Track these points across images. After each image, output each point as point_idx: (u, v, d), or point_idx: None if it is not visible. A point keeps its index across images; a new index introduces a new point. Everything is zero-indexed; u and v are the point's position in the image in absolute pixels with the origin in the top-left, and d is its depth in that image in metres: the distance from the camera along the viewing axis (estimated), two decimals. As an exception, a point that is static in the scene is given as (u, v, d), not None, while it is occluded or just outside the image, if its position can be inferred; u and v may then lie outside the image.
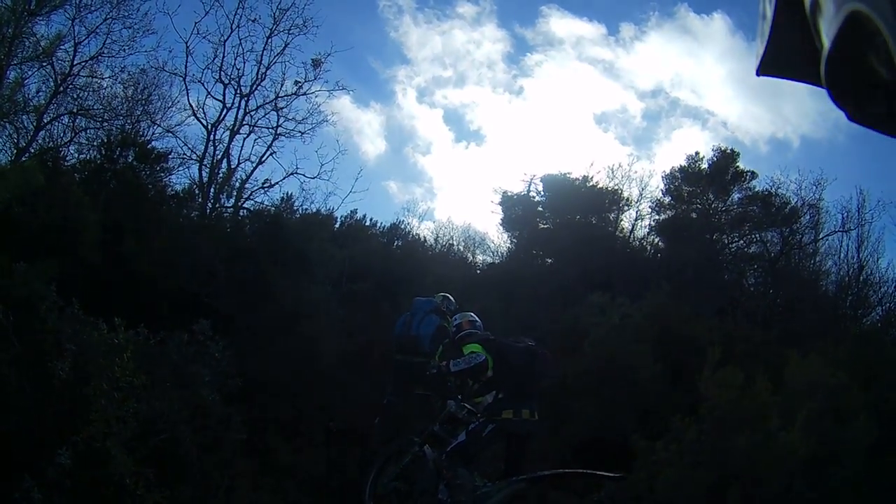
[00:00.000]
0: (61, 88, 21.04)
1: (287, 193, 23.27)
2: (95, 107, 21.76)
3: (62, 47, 21.00)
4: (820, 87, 1.47)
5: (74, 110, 21.38)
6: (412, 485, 10.07)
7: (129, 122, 22.37)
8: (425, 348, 11.64)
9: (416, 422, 11.35)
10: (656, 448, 11.98)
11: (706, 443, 11.65)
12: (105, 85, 22.10)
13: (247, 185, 23.05)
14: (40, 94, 20.92)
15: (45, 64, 20.63)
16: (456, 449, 9.33)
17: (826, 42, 1.38)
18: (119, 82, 22.46)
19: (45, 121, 20.88)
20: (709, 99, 53.57)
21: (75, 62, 21.37)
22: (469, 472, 9.24)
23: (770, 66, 1.83)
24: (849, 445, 11.20)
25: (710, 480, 11.26)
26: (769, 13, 1.73)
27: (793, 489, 10.97)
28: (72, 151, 21.79)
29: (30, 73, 20.61)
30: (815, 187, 27.75)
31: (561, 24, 54.32)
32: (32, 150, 20.20)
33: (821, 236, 27.40)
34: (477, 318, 10.69)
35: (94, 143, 21.59)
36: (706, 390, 12.03)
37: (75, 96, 21.52)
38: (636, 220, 30.48)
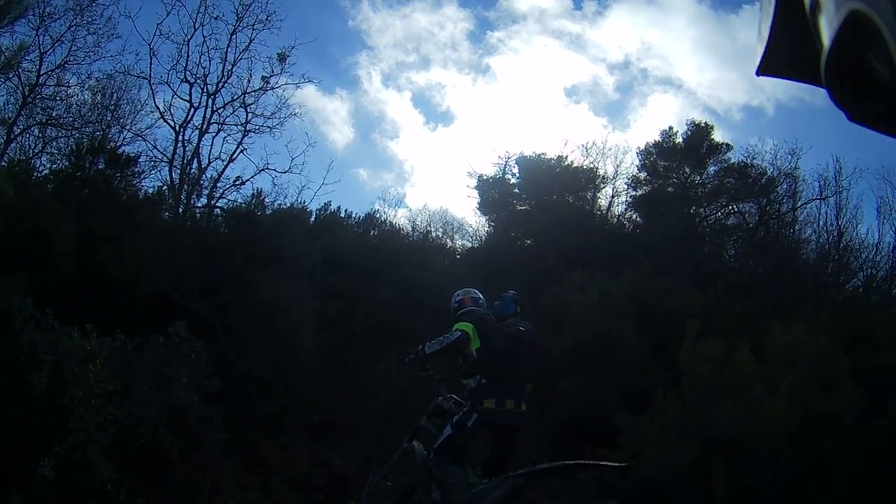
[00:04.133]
0: (29, 99, 20.87)
1: (258, 190, 23.18)
2: (65, 116, 21.66)
3: (27, 58, 20.85)
4: (820, 87, 1.44)
5: (44, 121, 21.23)
6: (402, 482, 9.89)
7: (99, 128, 22.31)
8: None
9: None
10: (640, 423, 11.98)
11: (689, 416, 11.64)
12: (73, 93, 21.99)
13: (219, 184, 22.74)
14: (8, 106, 20.82)
15: (10, 76, 20.49)
16: (443, 445, 9.08)
17: (826, 42, 1.33)
18: (87, 89, 22.35)
19: (15, 133, 20.73)
20: (679, 68, 53.53)
21: (41, 72, 21.21)
22: (461, 468, 9.00)
23: (770, 65, 1.80)
24: (835, 413, 11.16)
25: (695, 454, 11.24)
26: (769, 13, 1.70)
27: (779, 460, 10.95)
28: (43, 162, 21.77)
29: (-4, 85, 20.44)
30: (790, 157, 27.79)
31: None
32: (3, 164, 20.03)
33: (798, 205, 27.47)
34: (481, 296, 10.14)
35: (65, 152, 21.52)
36: (686, 363, 12.02)
37: (44, 106, 21.37)
38: (613, 197, 30.55)
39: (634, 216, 30.34)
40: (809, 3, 1.47)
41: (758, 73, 1.84)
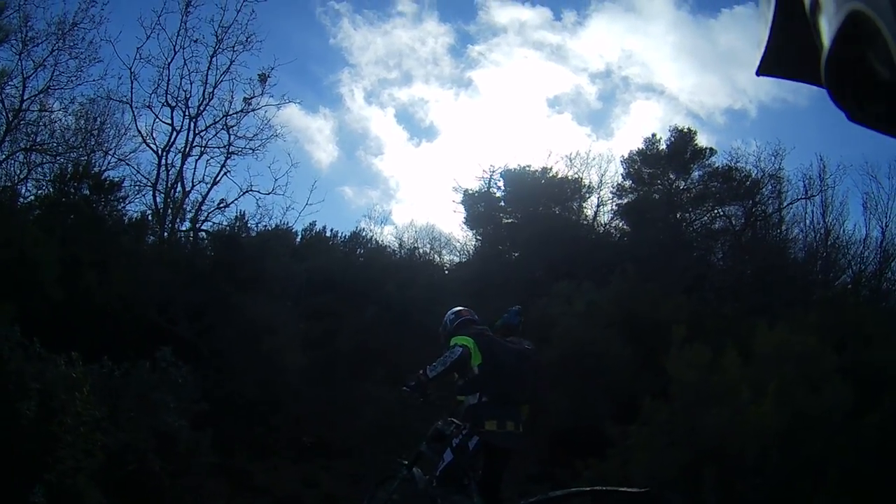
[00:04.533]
0: (13, 125, 20.86)
1: (241, 212, 23.08)
2: (49, 141, 21.63)
3: (10, 83, 20.89)
4: (820, 87, 1.44)
5: (28, 146, 21.19)
6: None
7: (83, 153, 22.27)
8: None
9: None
10: (629, 432, 11.96)
11: (677, 423, 11.62)
12: (56, 118, 21.98)
13: (203, 207, 22.86)
14: (-8, 133, 20.76)
15: (-6, 102, 20.52)
16: (445, 472, 8.69)
17: (826, 42, 1.33)
18: (70, 114, 22.35)
19: (0, 159, 20.74)
20: (660, 74, 53.86)
21: (25, 97, 21.23)
22: (467, 497, 8.70)
23: (770, 66, 1.80)
24: (824, 411, 11.13)
25: (685, 460, 11.21)
26: (769, 13, 1.70)
27: (770, 462, 10.92)
28: (29, 188, 21.67)
29: (-21, 111, 20.46)
30: (774, 158, 27.99)
31: (502, 12, 54.50)
32: (-11, 191, 20.06)
33: (784, 205, 27.61)
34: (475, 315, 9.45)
35: (50, 178, 21.49)
36: (673, 370, 12.01)
37: (28, 132, 21.35)
38: (598, 206, 30.60)
39: (621, 224, 30.41)
40: (809, 3, 1.47)
41: (758, 74, 1.84)
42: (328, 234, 26.46)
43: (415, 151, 47.77)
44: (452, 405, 9.12)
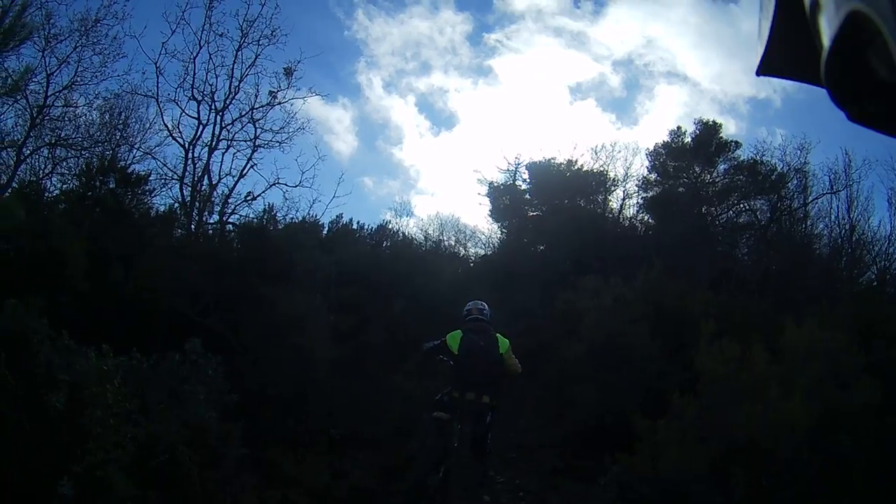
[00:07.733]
0: (38, 121, 20.94)
1: (269, 205, 23.30)
2: (74, 136, 21.77)
3: (34, 80, 20.90)
4: (820, 87, 1.45)
5: (53, 141, 21.32)
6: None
7: (108, 147, 22.39)
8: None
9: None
10: (658, 427, 11.97)
11: (707, 418, 11.63)
12: (81, 113, 22.07)
13: (230, 200, 23.05)
14: (17, 128, 20.90)
15: (18, 98, 20.51)
16: (434, 402, 11.42)
17: (826, 42, 1.36)
18: (95, 109, 22.46)
19: (25, 154, 20.80)
20: (683, 62, 54.20)
21: (49, 93, 21.30)
22: (442, 412, 11.00)
23: (770, 66, 1.81)
24: (853, 409, 11.12)
25: (714, 456, 11.23)
26: (769, 13, 1.71)
27: (799, 459, 10.91)
28: (54, 182, 21.88)
29: (4, 108, 20.55)
30: (799, 152, 27.98)
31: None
32: (14, 185, 20.11)
33: (810, 200, 27.55)
34: (485, 307, 11.82)
35: (75, 172, 21.60)
36: (702, 365, 12.02)
37: (52, 127, 21.47)
38: (624, 199, 30.73)
39: (646, 217, 30.47)
40: (809, 3, 1.48)
41: (757, 74, 1.85)
42: (355, 226, 26.65)
43: (435, 141, 48.18)
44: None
